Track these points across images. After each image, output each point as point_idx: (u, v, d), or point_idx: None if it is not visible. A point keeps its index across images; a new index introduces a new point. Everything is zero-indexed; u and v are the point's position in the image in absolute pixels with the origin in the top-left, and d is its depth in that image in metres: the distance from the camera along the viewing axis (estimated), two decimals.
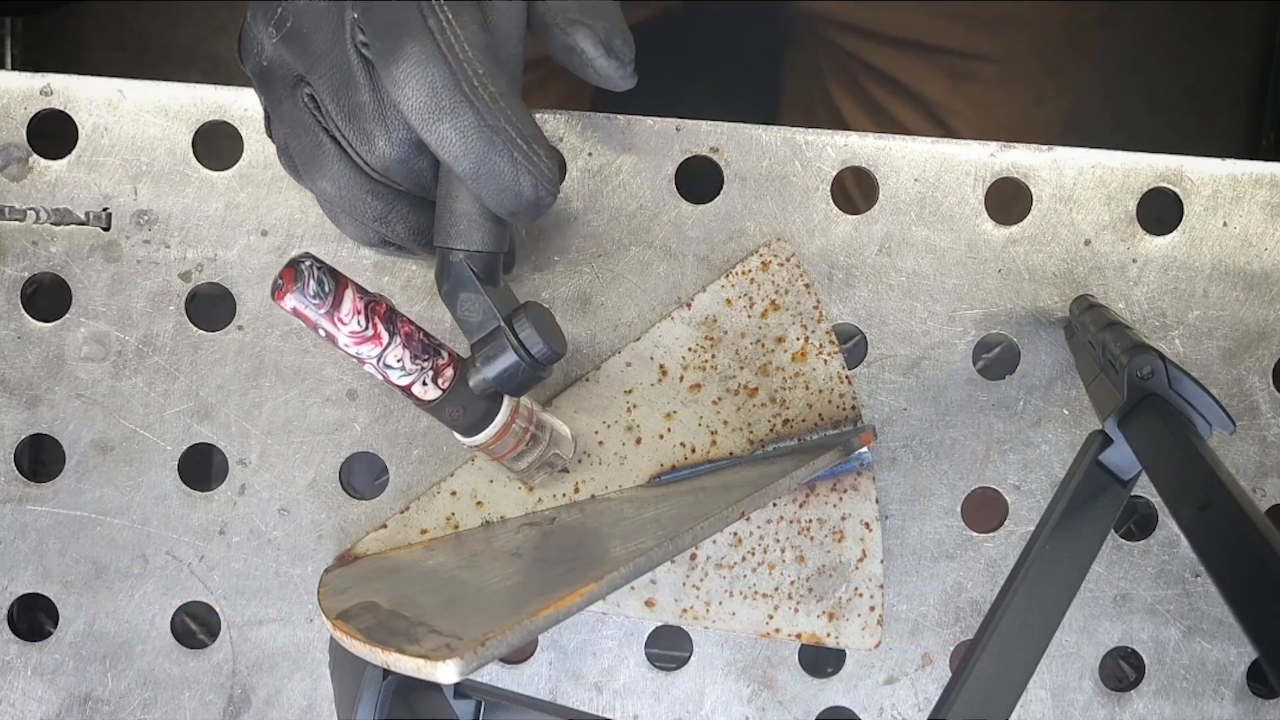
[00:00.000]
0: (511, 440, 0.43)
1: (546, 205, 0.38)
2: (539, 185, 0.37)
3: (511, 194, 0.37)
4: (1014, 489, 0.49)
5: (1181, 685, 0.50)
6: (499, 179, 0.37)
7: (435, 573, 0.43)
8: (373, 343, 0.39)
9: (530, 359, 0.40)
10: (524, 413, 0.43)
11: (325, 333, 0.39)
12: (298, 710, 0.48)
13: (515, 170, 0.37)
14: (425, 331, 0.41)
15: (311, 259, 0.38)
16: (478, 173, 0.37)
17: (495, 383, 0.41)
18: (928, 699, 0.49)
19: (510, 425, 0.43)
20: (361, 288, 0.39)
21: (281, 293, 0.37)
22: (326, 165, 0.40)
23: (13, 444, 0.47)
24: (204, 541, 0.48)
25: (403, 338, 0.40)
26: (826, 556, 0.48)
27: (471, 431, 0.42)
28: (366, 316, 0.39)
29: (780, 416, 0.48)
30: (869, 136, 0.48)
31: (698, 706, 0.49)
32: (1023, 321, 0.48)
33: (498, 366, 0.40)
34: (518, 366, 0.40)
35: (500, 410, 0.42)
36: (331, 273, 0.38)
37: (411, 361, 0.40)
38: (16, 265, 0.47)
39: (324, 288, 0.38)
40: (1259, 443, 0.49)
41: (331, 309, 0.38)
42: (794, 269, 0.48)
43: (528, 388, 0.41)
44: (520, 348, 0.40)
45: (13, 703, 0.48)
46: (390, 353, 0.40)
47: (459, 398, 0.41)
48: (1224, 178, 0.48)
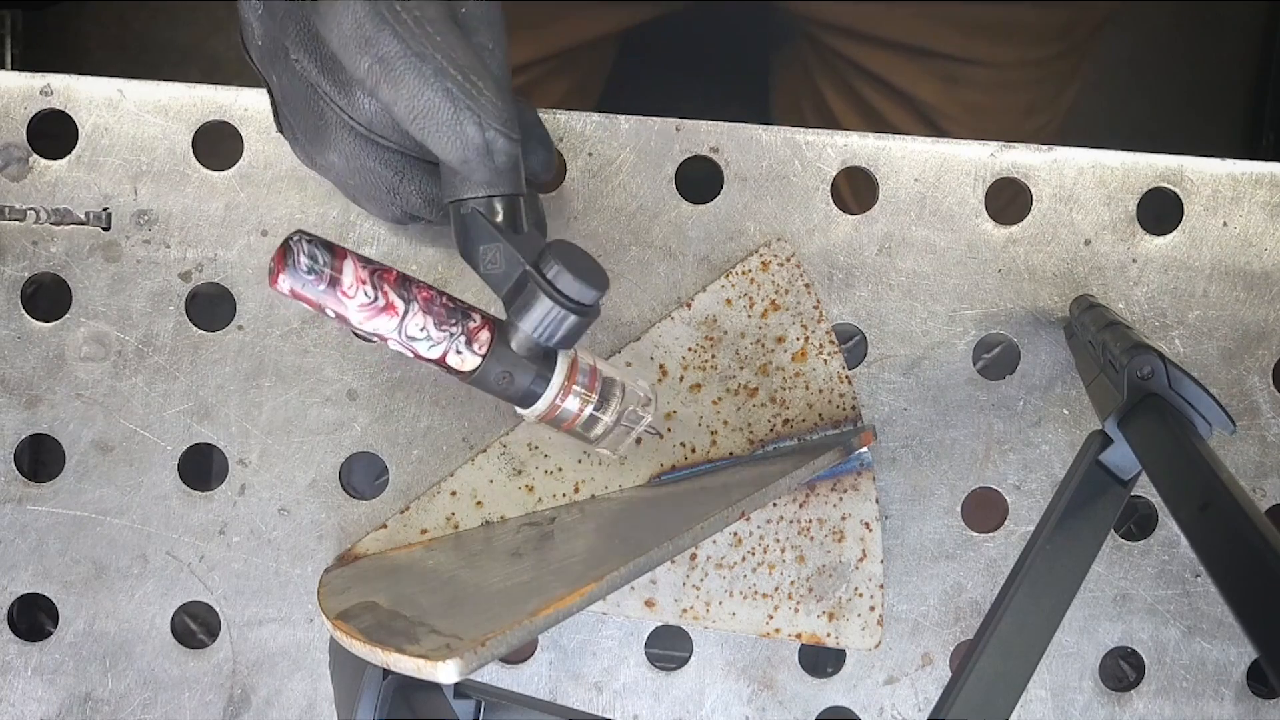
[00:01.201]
0: (576, 403, 0.39)
1: (505, 151, 0.35)
2: (484, 122, 0.34)
3: (454, 134, 0.34)
4: (1014, 489, 0.49)
5: (1181, 685, 0.50)
6: (437, 117, 0.34)
7: (435, 573, 0.43)
8: (388, 313, 0.36)
9: (568, 301, 0.36)
10: (584, 369, 0.39)
11: (334, 312, 0.36)
12: (298, 710, 0.48)
13: (454, 106, 0.34)
14: (449, 295, 0.38)
15: (302, 234, 0.35)
16: (413, 110, 0.34)
17: (537, 337, 0.37)
18: (928, 699, 0.49)
19: (570, 386, 0.39)
20: (365, 258, 0.37)
21: (275, 276, 0.35)
22: (328, 135, 0.38)
23: (13, 444, 0.47)
24: (204, 541, 0.48)
25: (421, 303, 0.37)
26: (826, 556, 0.48)
27: (528, 400, 0.38)
28: (374, 285, 0.36)
29: (780, 416, 0.48)
30: (869, 136, 0.48)
31: (698, 706, 0.49)
32: (1023, 321, 0.48)
33: (534, 317, 0.36)
34: (556, 313, 0.36)
35: (555, 370, 0.38)
36: (326, 245, 0.36)
37: (438, 328, 0.37)
38: (16, 265, 0.47)
39: (318, 261, 0.35)
40: (1259, 443, 0.49)
41: (331, 283, 0.35)
42: (794, 269, 0.48)
43: (576, 336, 0.37)
44: (554, 291, 0.36)
45: (13, 703, 0.48)
46: (411, 322, 0.37)
47: (503, 362, 0.38)
48: (1224, 177, 0.48)
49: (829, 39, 0.72)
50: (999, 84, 0.71)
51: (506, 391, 0.38)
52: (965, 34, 0.68)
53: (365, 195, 0.41)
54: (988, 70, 0.70)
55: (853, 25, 0.70)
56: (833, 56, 0.73)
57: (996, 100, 0.71)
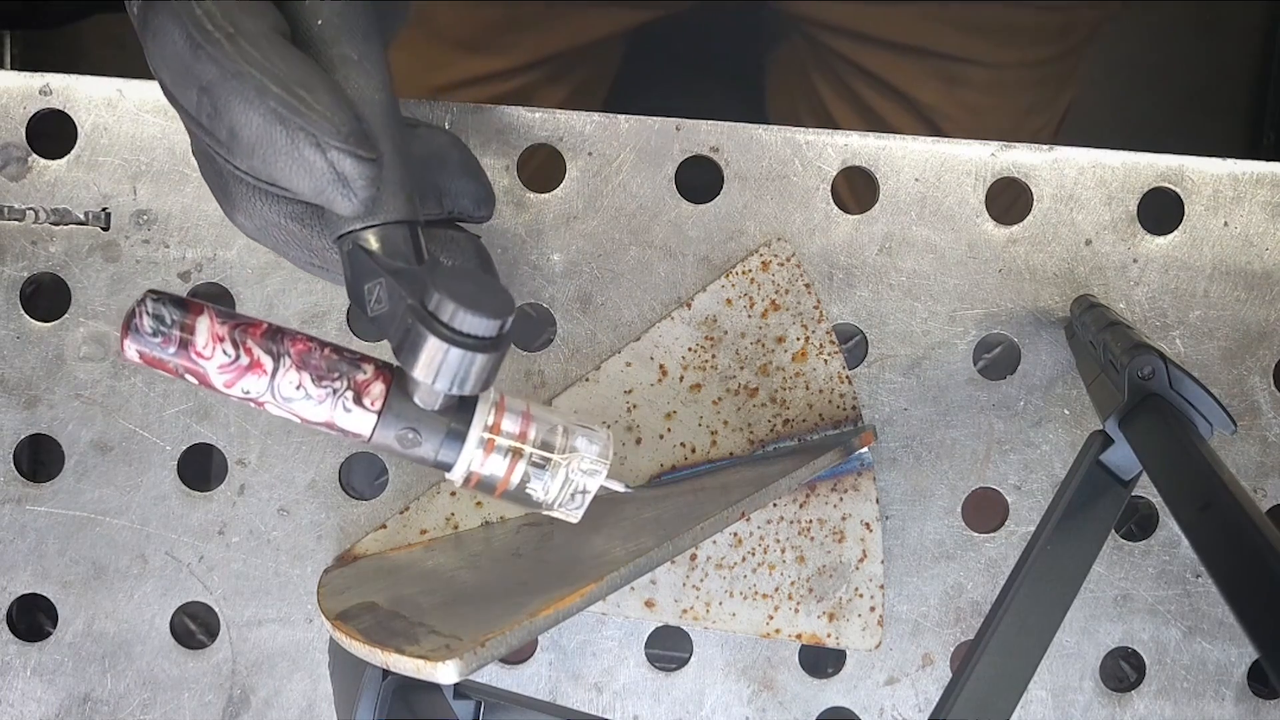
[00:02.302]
0: (503, 462, 0.33)
1: (360, 174, 0.30)
2: (321, 141, 0.29)
3: (294, 161, 0.30)
4: (1014, 489, 0.49)
5: (1182, 686, 0.49)
6: (272, 144, 0.30)
7: (435, 573, 0.43)
8: (254, 372, 0.32)
9: (458, 336, 0.30)
10: (513, 418, 0.33)
11: (193, 376, 0.32)
12: (297, 710, 0.48)
13: (284, 127, 0.29)
14: (337, 346, 0.33)
15: (151, 293, 0.32)
16: (248, 142, 0.30)
17: (434, 385, 0.31)
18: (928, 699, 0.49)
19: (493, 441, 0.33)
20: (229, 313, 0.32)
21: (121, 342, 0.31)
22: (229, 191, 0.34)
23: (12, 444, 0.47)
24: (203, 542, 0.48)
25: (295, 357, 0.32)
26: (827, 557, 0.48)
27: (446, 460, 0.33)
28: (235, 342, 0.32)
29: (780, 416, 0.48)
30: (869, 136, 0.48)
31: (698, 707, 0.49)
32: (1023, 321, 0.48)
33: (423, 360, 0.30)
34: (447, 352, 0.30)
35: (472, 423, 0.33)
36: (178, 303, 0.32)
37: (316, 384, 0.32)
38: (16, 265, 0.47)
39: (164, 322, 0.31)
40: (1260, 443, 0.49)
41: (182, 345, 0.31)
42: (794, 269, 0.48)
43: (483, 377, 0.31)
44: (440, 326, 0.30)
45: (12, 703, 0.47)
46: (283, 380, 0.32)
47: (403, 418, 0.32)
48: (1225, 177, 0.48)
49: (826, 38, 0.72)
50: (998, 84, 0.71)
51: (416, 453, 0.33)
52: (964, 34, 0.68)
53: (281, 251, 0.36)
54: (987, 71, 0.70)
55: (851, 25, 0.70)
56: (830, 56, 0.73)
57: (995, 101, 0.71)
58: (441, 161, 0.37)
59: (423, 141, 0.37)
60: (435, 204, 0.37)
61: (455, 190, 0.37)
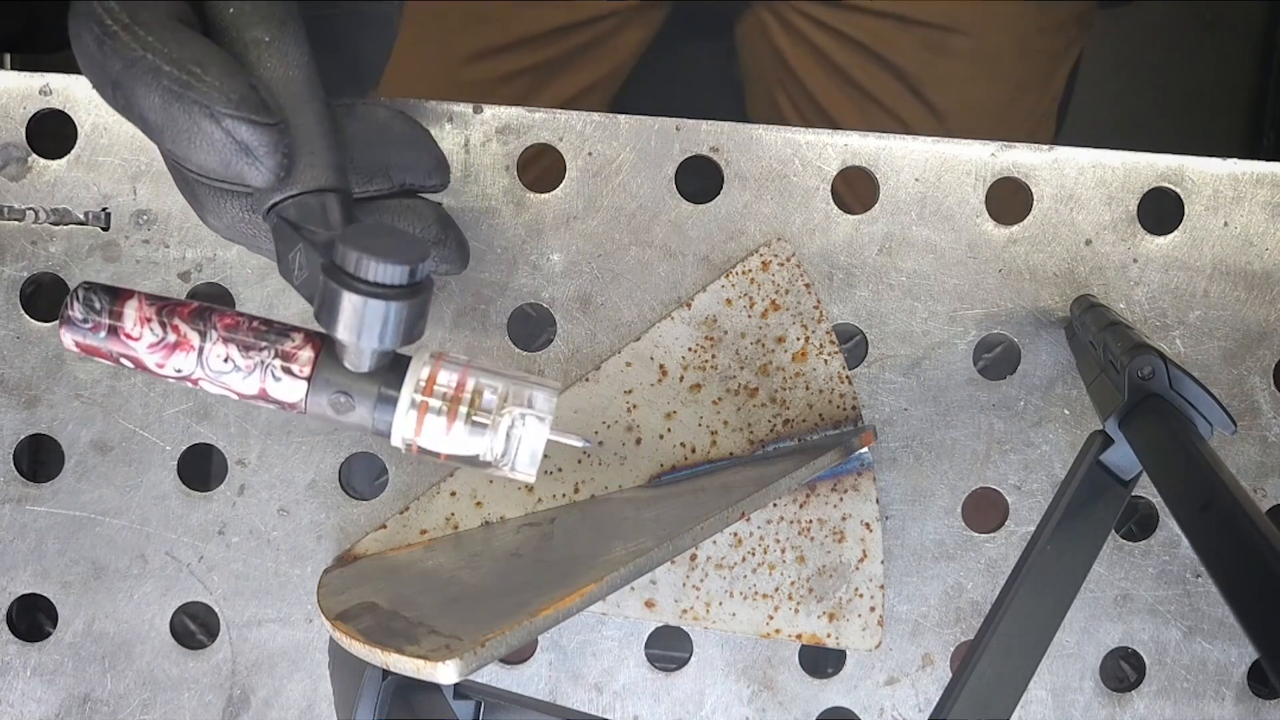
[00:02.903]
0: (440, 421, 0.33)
1: (262, 141, 0.31)
2: (215, 111, 0.30)
3: (197, 137, 0.31)
4: (1014, 489, 0.49)
5: (1182, 686, 0.49)
6: (175, 124, 0.31)
7: (435, 573, 0.43)
8: (182, 350, 0.32)
9: (370, 287, 0.30)
10: (449, 373, 0.33)
11: (128, 359, 0.33)
12: (297, 711, 0.48)
13: (181, 103, 0.30)
14: (265, 319, 0.33)
15: (84, 284, 0.33)
16: (158, 126, 0.31)
17: (360, 342, 0.31)
18: (928, 700, 0.49)
19: (427, 399, 0.33)
20: (158, 297, 0.33)
21: (60, 333, 0.33)
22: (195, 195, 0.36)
23: (12, 444, 0.47)
24: (203, 542, 0.48)
25: (222, 331, 0.33)
26: (827, 557, 0.48)
27: (382, 421, 0.33)
28: (162, 322, 0.33)
29: (780, 417, 0.48)
30: (869, 136, 0.48)
31: (698, 707, 0.49)
32: (1023, 321, 0.48)
33: (343, 317, 0.30)
34: (363, 305, 0.30)
35: (405, 382, 0.33)
36: (108, 290, 0.33)
37: (244, 355, 0.32)
38: (16, 265, 0.47)
39: (94, 306, 0.33)
40: (1260, 443, 0.49)
41: (111, 330, 0.33)
42: (794, 269, 0.48)
43: (404, 328, 0.31)
44: (351, 279, 0.30)
45: (12, 703, 0.47)
46: (211, 354, 0.32)
47: (334, 383, 0.32)
48: (1225, 177, 0.48)
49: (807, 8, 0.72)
50: (984, 56, 0.70)
51: (352, 419, 0.33)
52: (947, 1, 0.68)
53: (253, 247, 0.37)
54: (973, 41, 0.70)
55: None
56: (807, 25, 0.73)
57: (983, 73, 0.71)
58: (384, 136, 0.37)
59: (362, 119, 0.37)
60: (384, 179, 0.38)
61: (402, 163, 0.38)
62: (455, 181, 0.47)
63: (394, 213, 0.38)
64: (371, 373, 0.33)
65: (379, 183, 0.38)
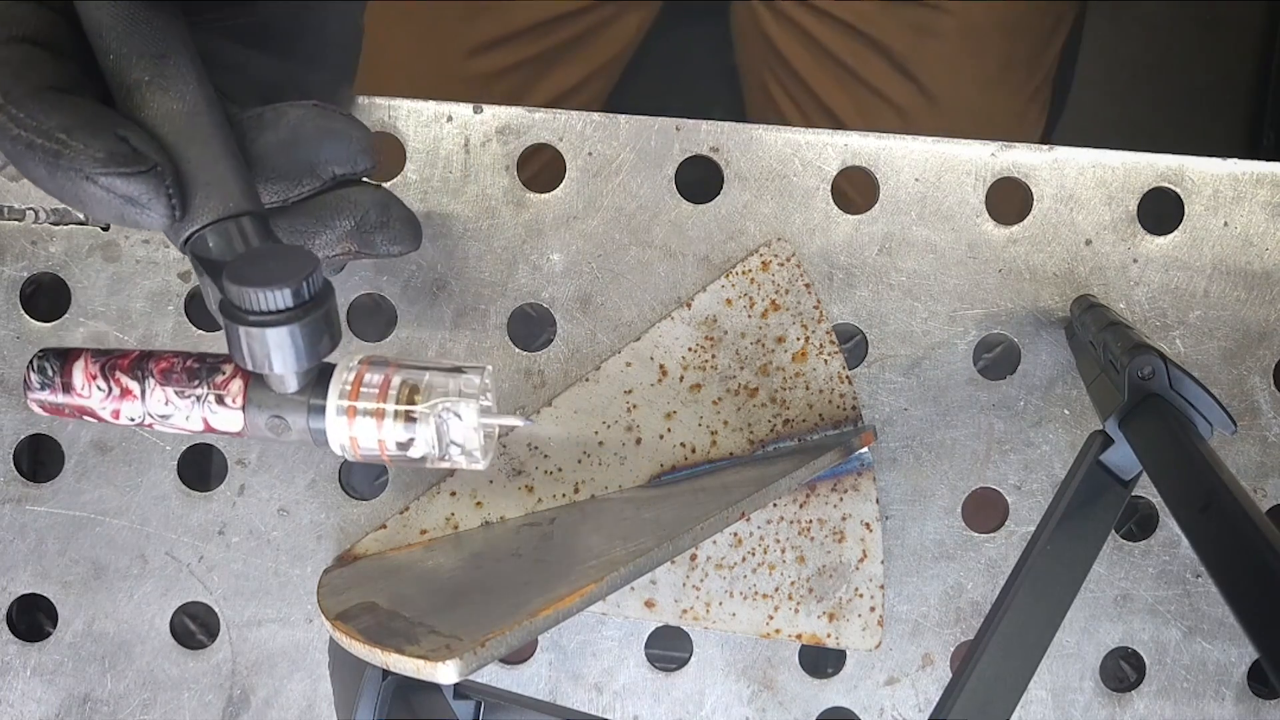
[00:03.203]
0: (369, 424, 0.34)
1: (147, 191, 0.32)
2: (90, 174, 0.31)
3: (86, 199, 0.32)
4: (1014, 489, 0.49)
5: (1182, 686, 0.49)
6: (66, 191, 0.32)
7: (435, 573, 0.43)
8: (128, 399, 0.35)
9: (256, 315, 0.31)
10: (372, 379, 0.34)
11: (88, 415, 0.36)
12: (297, 710, 0.48)
13: (62, 173, 0.32)
14: (200, 356, 0.35)
15: (41, 352, 0.36)
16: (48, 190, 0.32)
17: (263, 368, 0.32)
18: (928, 700, 0.49)
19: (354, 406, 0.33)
20: (104, 351, 0.36)
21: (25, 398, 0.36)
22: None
23: (12, 444, 0.47)
24: (203, 542, 0.48)
25: (158, 377, 0.35)
26: (827, 557, 0.48)
27: (319, 437, 0.34)
28: (105, 376, 0.35)
29: (780, 417, 0.48)
30: (869, 136, 0.48)
31: (698, 707, 0.49)
32: (1023, 321, 0.48)
33: (239, 349, 0.32)
34: (251, 335, 0.31)
35: (329, 393, 0.34)
36: (59, 354, 0.36)
37: (181, 396, 0.34)
38: (15, 265, 0.47)
39: (48, 373, 0.35)
40: (1260, 443, 0.49)
41: (65, 389, 0.35)
42: (794, 269, 0.48)
43: (305, 344, 0.32)
44: (236, 310, 0.31)
45: (12, 703, 0.47)
46: (152, 399, 0.35)
47: (265, 406, 0.34)
48: (1225, 177, 0.48)
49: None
50: (969, 34, 0.71)
51: (291, 438, 0.34)
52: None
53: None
54: (958, 20, 0.70)
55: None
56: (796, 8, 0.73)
57: (969, 51, 0.71)
58: (299, 137, 0.37)
59: (273, 126, 0.37)
60: (312, 177, 0.38)
61: (324, 158, 0.38)
62: (455, 181, 0.47)
63: (330, 206, 0.38)
64: (300, 389, 0.34)
65: (308, 182, 0.38)
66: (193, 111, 0.34)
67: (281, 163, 0.37)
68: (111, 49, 0.34)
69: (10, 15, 0.34)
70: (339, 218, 0.38)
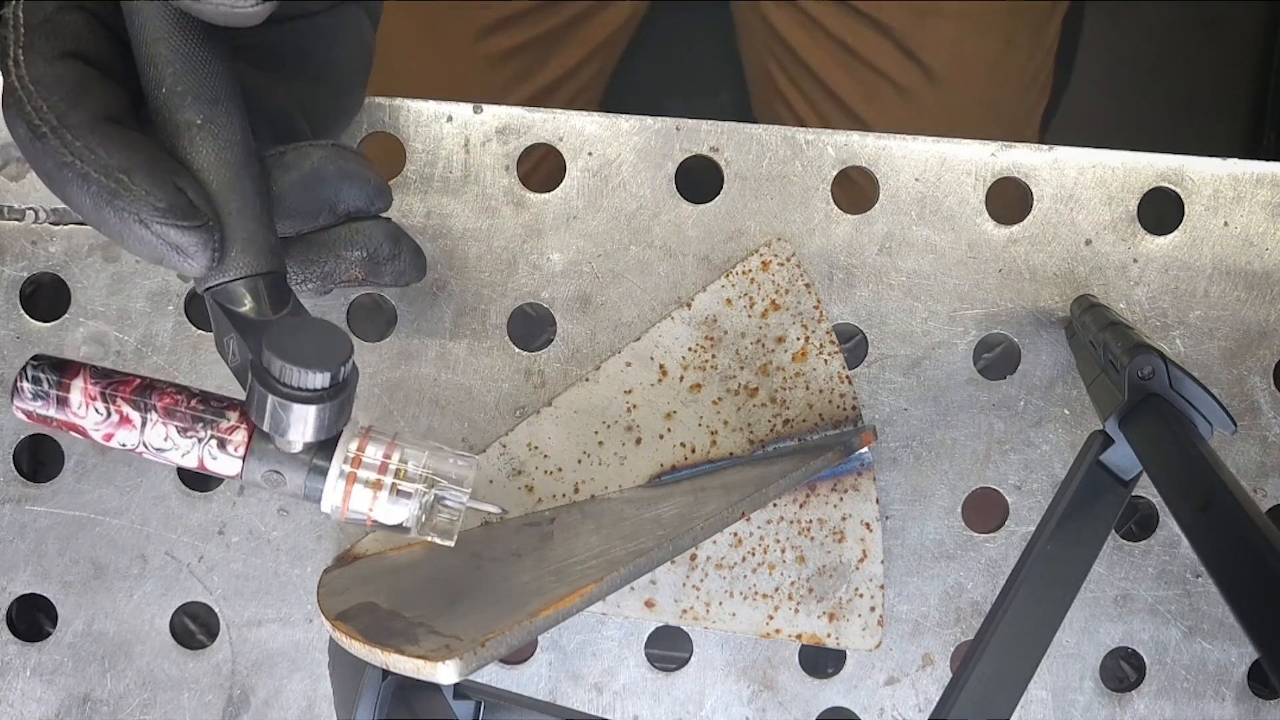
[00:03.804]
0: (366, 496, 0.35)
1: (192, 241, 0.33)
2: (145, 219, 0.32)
3: (131, 238, 0.33)
4: (1015, 489, 0.49)
5: (1182, 686, 0.49)
6: (108, 225, 0.33)
7: (435, 573, 0.43)
8: (125, 427, 0.35)
9: (289, 391, 0.32)
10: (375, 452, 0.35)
11: (76, 432, 0.35)
12: (297, 710, 0.48)
13: (113, 211, 0.32)
14: (203, 395, 0.35)
15: (36, 359, 0.35)
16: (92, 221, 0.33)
17: (280, 436, 0.33)
18: (928, 699, 0.49)
19: (354, 475, 0.35)
20: (105, 371, 0.35)
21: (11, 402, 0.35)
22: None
23: (12, 444, 0.47)
24: (203, 542, 0.48)
25: (161, 413, 0.35)
26: (827, 557, 0.48)
27: (313, 498, 0.35)
28: (106, 401, 0.35)
29: (780, 416, 0.48)
30: (869, 136, 0.48)
31: (698, 707, 0.49)
32: (1023, 321, 0.48)
33: (263, 414, 0.33)
34: (283, 406, 0.32)
35: (333, 460, 0.35)
36: (57, 366, 0.35)
37: (183, 435, 0.35)
38: (15, 265, 0.47)
39: (43, 386, 0.35)
40: (1260, 443, 0.49)
41: (60, 404, 0.35)
42: (794, 269, 0.48)
43: (326, 422, 0.33)
44: (273, 382, 0.32)
45: (11, 703, 0.47)
46: (150, 434, 0.35)
47: (267, 461, 0.35)
48: (1225, 177, 0.48)
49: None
50: (971, 13, 0.71)
51: (285, 491, 0.35)
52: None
53: None
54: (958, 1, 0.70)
55: None
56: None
57: (972, 29, 0.72)
58: (319, 178, 0.38)
59: (295, 168, 0.38)
60: (329, 214, 0.39)
61: (342, 199, 0.39)
62: (455, 181, 0.47)
63: (343, 240, 0.39)
64: (303, 450, 0.35)
65: (325, 217, 0.39)
66: (239, 164, 0.35)
67: (302, 201, 0.38)
68: (166, 84, 0.34)
69: (63, 27, 0.34)
70: (351, 249, 0.39)
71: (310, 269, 0.39)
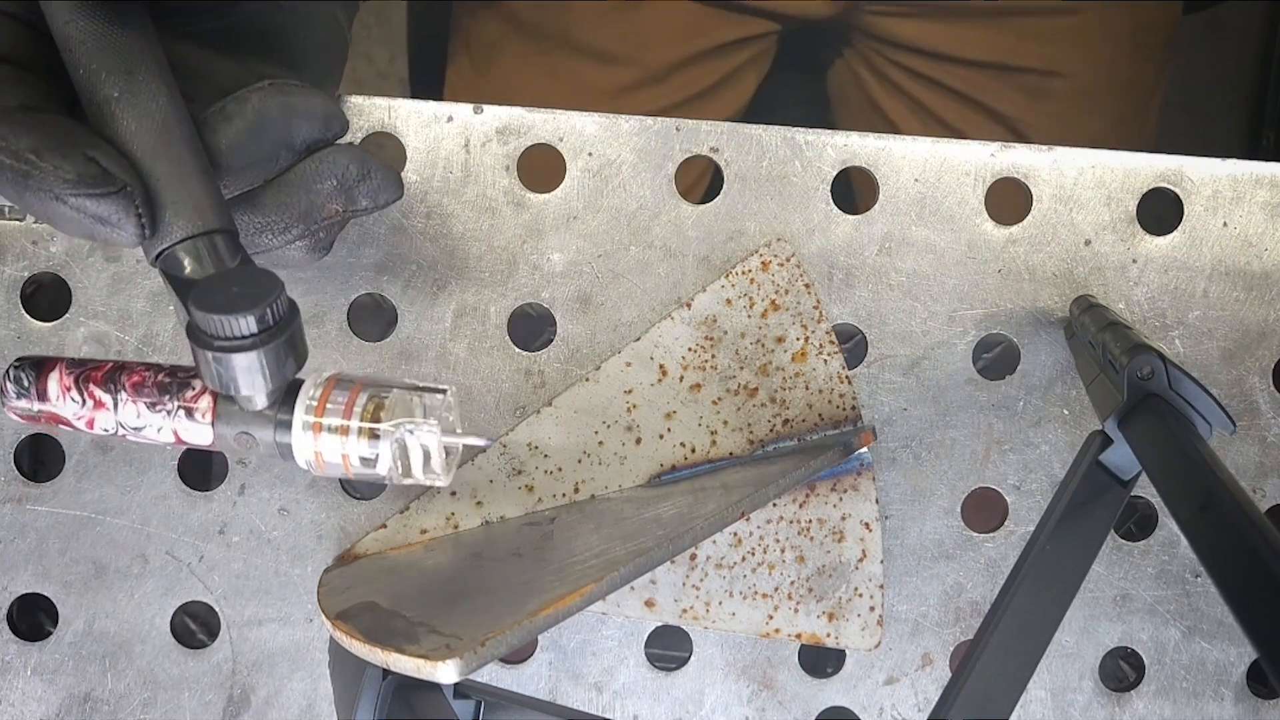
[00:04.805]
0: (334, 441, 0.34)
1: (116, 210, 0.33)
2: (59, 194, 0.32)
3: (57, 215, 0.33)
4: (1014, 489, 0.49)
5: (1181, 686, 0.50)
6: (32, 207, 0.33)
7: (435, 573, 0.43)
8: (100, 411, 0.36)
9: (221, 340, 0.31)
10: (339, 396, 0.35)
11: (64, 424, 0.36)
12: (297, 710, 0.48)
13: (32, 193, 0.32)
14: (171, 369, 0.36)
15: (18, 360, 0.36)
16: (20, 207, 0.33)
17: (230, 391, 0.33)
18: (928, 699, 0.49)
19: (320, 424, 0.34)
20: (78, 362, 0.36)
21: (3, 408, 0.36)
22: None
23: (12, 444, 0.47)
24: (204, 541, 0.48)
25: (130, 391, 0.35)
26: (826, 557, 0.48)
27: (287, 453, 0.35)
28: (79, 389, 0.36)
29: (780, 416, 0.48)
30: (869, 136, 0.48)
31: (698, 707, 0.49)
32: (1023, 322, 0.48)
33: (205, 372, 0.32)
34: (216, 359, 0.32)
35: (295, 409, 0.34)
36: (35, 363, 0.36)
37: (152, 410, 0.35)
38: (16, 265, 0.47)
39: (23, 383, 0.36)
40: (1259, 443, 0.49)
41: (42, 398, 0.36)
42: (794, 269, 0.48)
43: (270, 368, 0.32)
44: (202, 335, 0.32)
45: (12, 703, 0.48)
46: (123, 413, 0.35)
47: (234, 422, 0.34)
48: (1224, 178, 0.48)
49: (899, 57, 0.72)
50: (1082, 94, 0.71)
51: (260, 453, 0.35)
52: (1044, 45, 0.69)
53: None
54: (1070, 82, 0.70)
55: (929, 44, 0.71)
56: (898, 72, 0.73)
57: (1081, 111, 0.72)
58: (265, 120, 0.38)
59: (236, 116, 0.37)
60: (289, 153, 0.39)
61: (295, 134, 0.38)
62: (455, 181, 0.47)
63: (309, 174, 0.39)
64: (268, 405, 0.34)
65: (285, 157, 0.39)
66: (162, 128, 0.35)
67: (255, 147, 0.38)
68: (82, 64, 0.34)
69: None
70: (320, 180, 0.39)
71: (286, 213, 0.39)
